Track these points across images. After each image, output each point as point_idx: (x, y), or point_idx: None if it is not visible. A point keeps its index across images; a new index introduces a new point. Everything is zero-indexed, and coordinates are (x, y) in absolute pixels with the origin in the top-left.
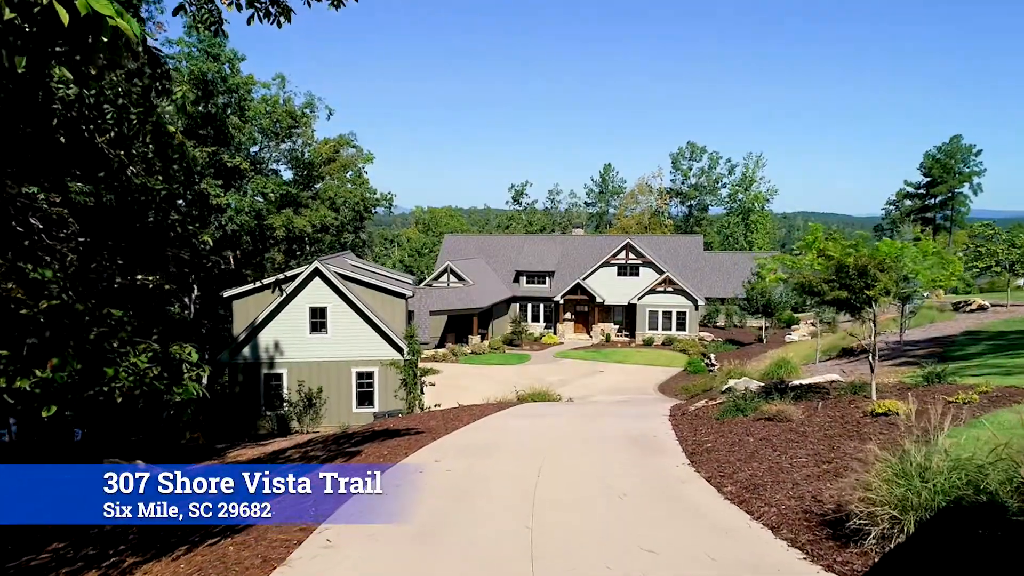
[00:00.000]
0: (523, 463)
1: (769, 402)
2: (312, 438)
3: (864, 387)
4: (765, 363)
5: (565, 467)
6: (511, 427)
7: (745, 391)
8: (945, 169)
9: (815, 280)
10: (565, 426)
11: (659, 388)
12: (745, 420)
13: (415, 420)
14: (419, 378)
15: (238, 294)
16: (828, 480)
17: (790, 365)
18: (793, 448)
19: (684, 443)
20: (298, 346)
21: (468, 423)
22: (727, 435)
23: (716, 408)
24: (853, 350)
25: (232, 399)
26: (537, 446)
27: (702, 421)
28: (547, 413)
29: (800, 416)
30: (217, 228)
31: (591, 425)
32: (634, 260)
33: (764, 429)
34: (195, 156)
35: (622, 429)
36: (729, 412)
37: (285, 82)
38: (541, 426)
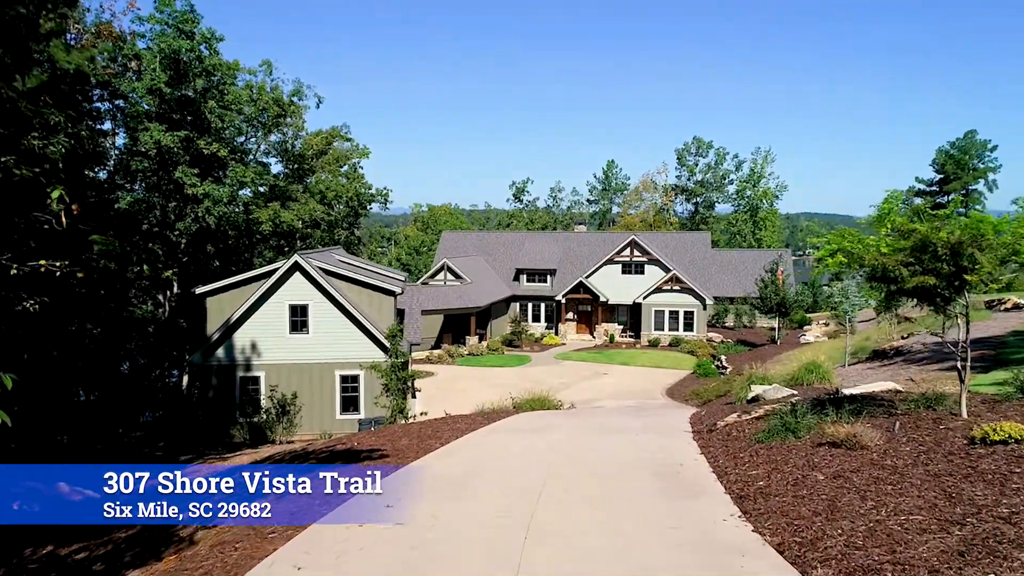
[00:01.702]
0: (506, 511)
1: (822, 417)
2: (272, 454)
3: (942, 400)
4: (785, 366)
5: (564, 521)
6: (500, 448)
7: (785, 403)
8: (959, 165)
9: (891, 263)
10: (566, 446)
11: (667, 392)
12: (800, 444)
13: (388, 436)
14: (405, 383)
15: (212, 291)
16: (979, 560)
17: (822, 369)
18: (890, 495)
19: (725, 477)
20: (277, 347)
21: (448, 442)
22: (782, 467)
23: (753, 425)
24: (885, 352)
25: (205, 404)
26: (528, 481)
27: (739, 443)
28: (545, 427)
29: (878, 442)
30: (193, 220)
31: (598, 445)
32: (639, 257)
33: (833, 460)
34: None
35: (637, 451)
36: (776, 433)
37: (272, 68)
38: (537, 447)
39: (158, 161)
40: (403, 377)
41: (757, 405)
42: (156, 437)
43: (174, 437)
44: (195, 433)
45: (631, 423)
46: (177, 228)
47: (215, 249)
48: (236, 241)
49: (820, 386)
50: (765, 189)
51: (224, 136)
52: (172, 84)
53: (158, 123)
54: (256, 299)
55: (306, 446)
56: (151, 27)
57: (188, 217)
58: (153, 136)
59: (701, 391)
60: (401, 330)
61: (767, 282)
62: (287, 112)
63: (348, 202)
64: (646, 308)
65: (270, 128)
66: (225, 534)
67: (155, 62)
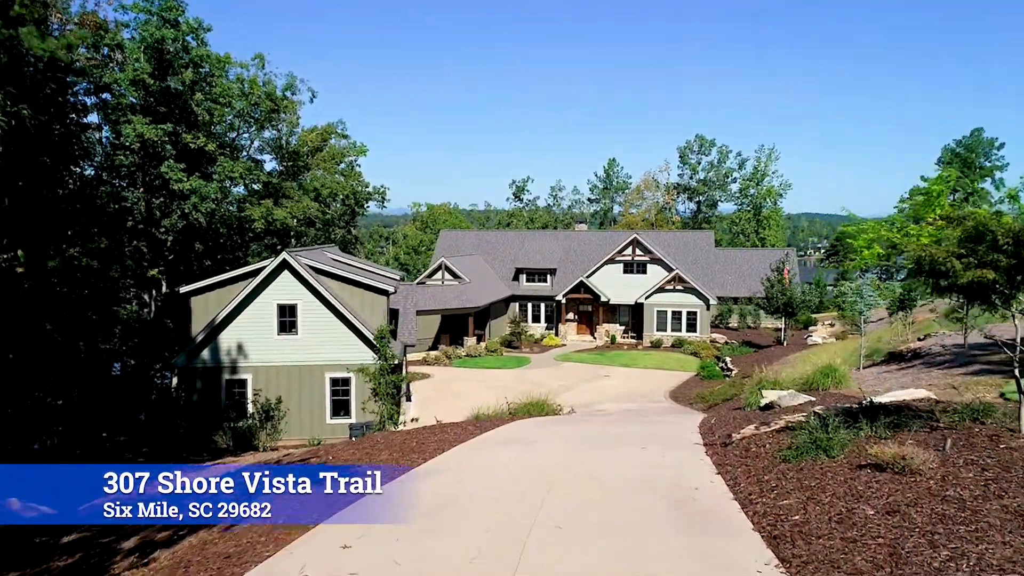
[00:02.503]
0: (488, 553)
1: (855, 432)
2: (241, 466)
3: (990, 411)
4: (795, 369)
5: (559, 567)
6: (488, 466)
7: (805, 412)
8: (965, 163)
9: (941, 255)
10: (563, 463)
11: (671, 395)
12: (835, 466)
13: (368, 448)
14: (396, 387)
15: (197, 290)
16: None
17: (838, 373)
18: (967, 539)
19: (750, 507)
20: (264, 348)
21: (433, 456)
22: (819, 496)
23: (774, 439)
24: (902, 354)
25: (190, 408)
26: (518, 511)
27: (761, 461)
28: (541, 437)
29: (932, 465)
30: (180, 217)
31: (599, 461)
32: (641, 257)
33: (881, 489)
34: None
35: (644, 469)
36: (805, 450)
37: (264, 62)
38: (530, 463)
39: (143, 155)
40: (393, 381)
41: (773, 414)
42: (142, 441)
43: (159, 442)
44: (180, 438)
45: (635, 432)
46: (163, 225)
47: (204, 247)
48: (228, 239)
49: (838, 392)
50: (769, 187)
51: (214, 131)
52: (157, 76)
53: (142, 116)
54: (243, 298)
55: (282, 458)
56: (135, 16)
57: (174, 214)
58: (136, 129)
59: (706, 394)
60: (393, 331)
61: (773, 282)
62: (280, 107)
63: (344, 200)
64: (648, 308)
65: (263, 124)
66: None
67: (138, 52)
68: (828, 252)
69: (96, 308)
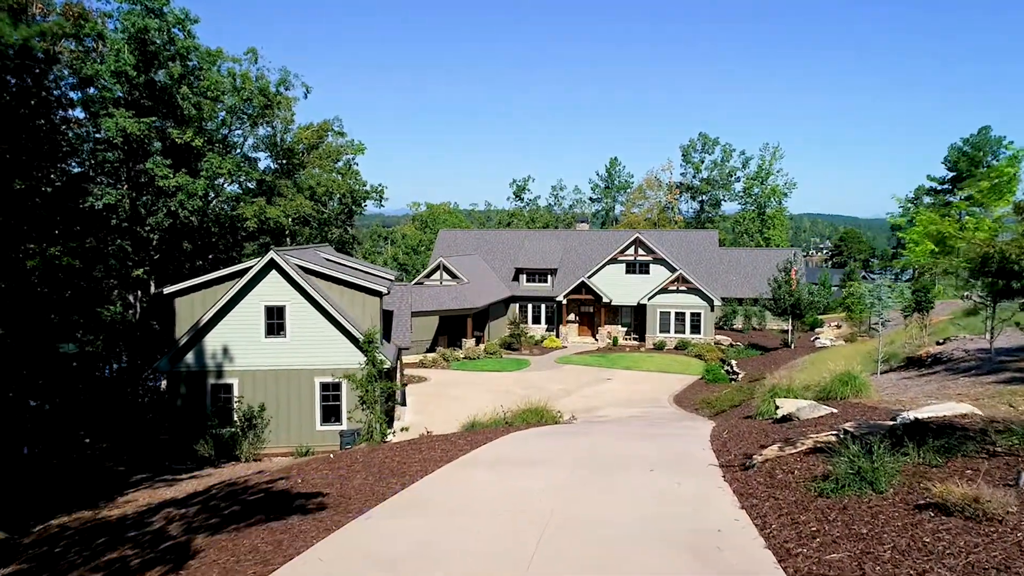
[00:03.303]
0: None
1: (899, 456)
2: (211, 485)
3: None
4: (806, 374)
5: None
6: (473, 497)
7: (832, 428)
8: (972, 162)
9: (1014, 252)
10: (561, 491)
11: (675, 399)
12: (887, 505)
13: (344, 469)
14: (389, 393)
15: (182, 290)
16: None
17: (858, 381)
18: None
19: (788, 560)
20: (251, 352)
21: (413, 480)
22: (875, 550)
23: (803, 463)
24: (922, 359)
25: (174, 415)
26: (502, 567)
27: (792, 493)
28: (536, 457)
29: (1012, 508)
30: (166, 215)
31: (601, 492)
32: (644, 257)
33: (955, 540)
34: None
35: (655, 503)
36: (847, 483)
37: (257, 57)
38: (522, 494)
39: (126, 151)
40: (383, 388)
41: (794, 429)
42: (125, 448)
43: (142, 449)
44: (163, 446)
45: (640, 450)
46: (148, 223)
47: (193, 247)
48: (220, 239)
49: (858, 401)
50: (773, 186)
51: (206, 128)
52: (142, 68)
53: (125, 110)
54: (228, 300)
55: (250, 477)
56: (119, 6)
57: (160, 211)
58: (117, 123)
59: (712, 399)
60: (386, 333)
61: (780, 282)
62: (273, 103)
63: (341, 199)
64: (651, 309)
65: (256, 120)
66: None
67: (122, 43)
68: (832, 252)
69: (79, 310)
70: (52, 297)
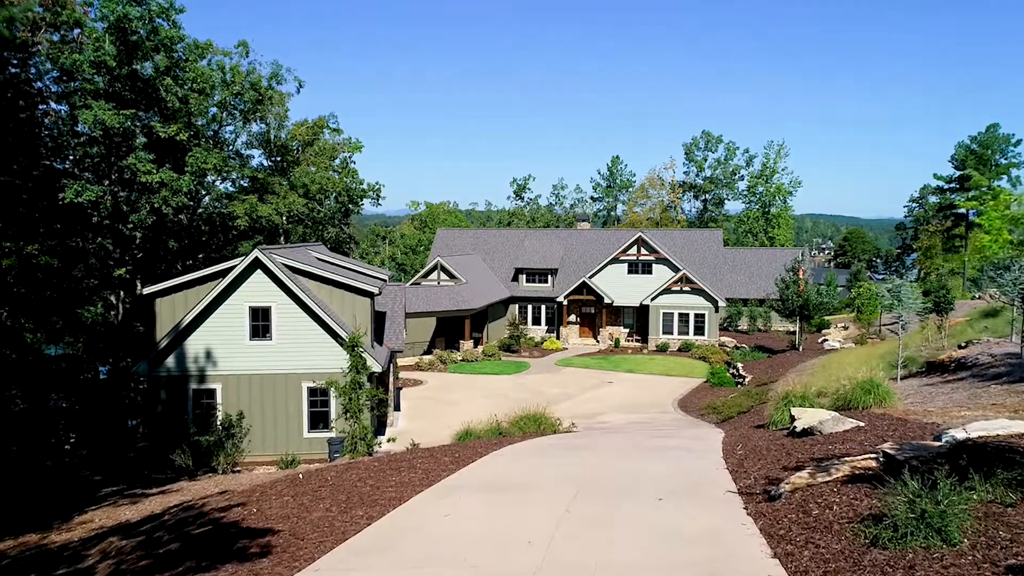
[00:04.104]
0: None
1: (962, 492)
2: (166, 508)
3: None
4: (817, 378)
5: None
6: (448, 539)
7: (861, 445)
8: (981, 160)
9: None
10: (555, 528)
11: (679, 404)
12: (968, 564)
13: (306, 497)
14: (372, 400)
15: (162, 291)
16: None
17: (881, 389)
18: None
19: None
20: (235, 355)
21: (381, 513)
22: None
23: (840, 495)
24: (943, 364)
25: (154, 421)
26: None
27: (837, 540)
28: (528, 479)
29: None
30: (149, 212)
31: (600, 532)
32: (646, 256)
33: None
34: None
35: (665, 548)
36: (910, 532)
37: (248, 50)
38: (509, 534)
39: (107, 145)
40: (369, 395)
41: (818, 445)
42: (105, 457)
43: (121, 458)
44: (143, 454)
45: (646, 469)
46: (131, 220)
47: (179, 245)
48: (210, 237)
49: (883, 412)
50: (778, 185)
51: (196, 123)
52: (124, 60)
53: (106, 102)
54: (211, 300)
55: (209, 500)
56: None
57: (143, 208)
58: (96, 115)
59: (719, 405)
60: (379, 336)
61: (788, 282)
62: (265, 97)
63: (337, 197)
64: (654, 310)
65: (248, 116)
66: None
67: (101, 32)
68: (836, 252)
69: (58, 311)
70: (30, 298)
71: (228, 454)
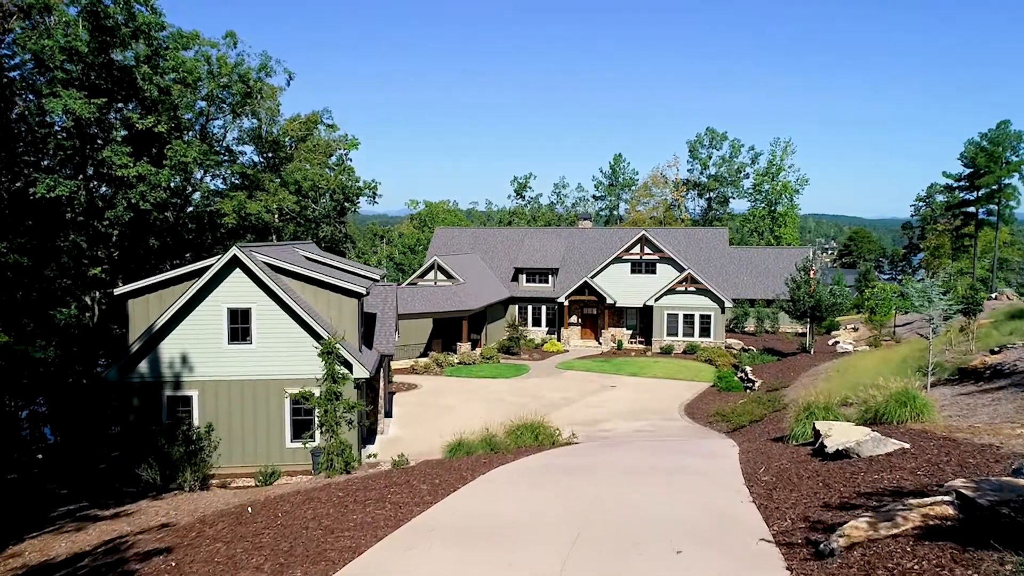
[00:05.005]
0: None
1: None
2: (73, 555)
3: None
4: (834, 384)
5: None
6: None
7: (957, 499)
8: (991, 158)
9: None
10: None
11: (686, 410)
12: None
13: (249, 536)
14: (349, 413)
15: (135, 291)
16: None
17: (918, 401)
18: None
19: None
20: (213, 360)
21: (334, 572)
22: None
23: (917, 558)
24: (977, 371)
25: (126, 430)
26: None
27: None
28: (520, 520)
29: None
30: (127, 208)
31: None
32: (650, 255)
33: None
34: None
35: None
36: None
37: (236, 41)
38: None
39: (81, 137)
40: (347, 407)
41: (857, 471)
42: (76, 468)
43: (91, 470)
44: (115, 467)
45: (660, 502)
46: (107, 217)
47: (161, 243)
48: (197, 236)
49: (922, 428)
50: (784, 183)
51: (180, 116)
52: (98, 46)
53: (77, 91)
54: (186, 301)
55: (139, 540)
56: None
57: (120, 204)
58: (65, 104)
59: (728, 412)
60: (368, 339)
61: (800, 283)
62: (254, 90)
63: (332, 195)
64: (658, 311)
65: (237, 110)
66: None
67: (72, 16)
68: (841, 252)
69: (29, 312)
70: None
71: (195, 469)
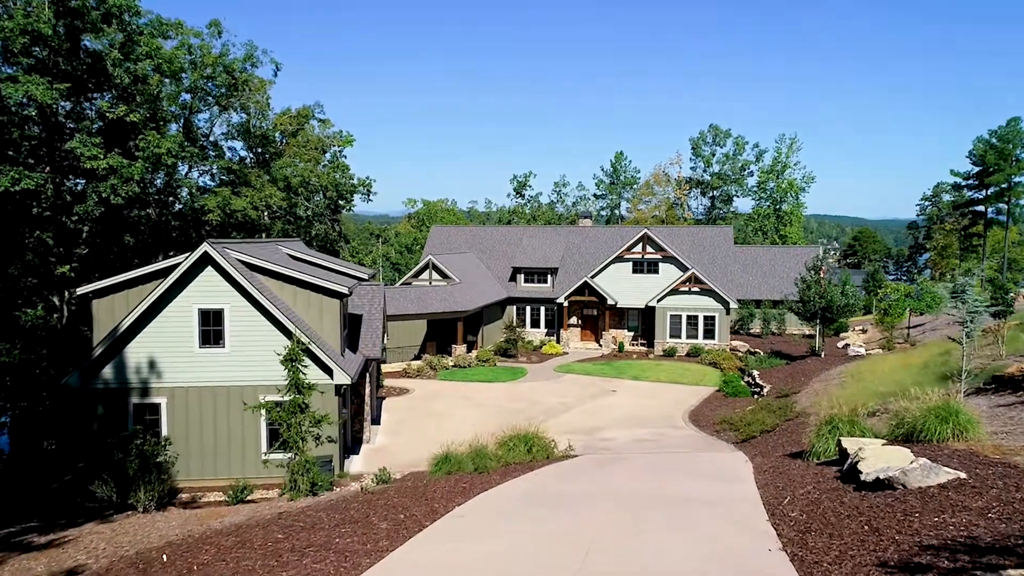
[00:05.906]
0: None
1: None
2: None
3: None
4: (850, 391)
5: None
6: None
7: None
8: (1001, 155)
9: None
10: None
11: (691, 417)
12: None
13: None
14: (314, 426)
15: (100, 290)
16: None
17: (962, 416)
18: None
19: None
20: (183, 365)
21: None
22: None
23: None
24: (1016, 379)
25: (89, 441)
26: None
27: None
28: (507, 569)
29: None
30: (97, 203)
31: None
32: (652, 255)
33: None
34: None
35: None
36: None
37: (221, 30)
38: None
39: (45, 127)
40: (313, 420)
41: (908, 507)
42: (34, 481)
43: (51, 485)
44: (79, 479)
45: (670, 548)
46: (75, 212)
47: (137, 241)
48: (180, 233)
49: (967, 448)
50: (790, 180)
51: (160, 108)
52: (69, 33)
53: (40, 76)
54: (154, 302)
55: None
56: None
57: (90, 198)
58: (27, 89)
59: (735, 420)
60: (353, 342)
61: (810, 283)
62: (239, 82)
63: (326, 193)
64: (660, 312)
65: (223, 102)
66: None
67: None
68: (845, 252)
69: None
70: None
71: (150, 487)
